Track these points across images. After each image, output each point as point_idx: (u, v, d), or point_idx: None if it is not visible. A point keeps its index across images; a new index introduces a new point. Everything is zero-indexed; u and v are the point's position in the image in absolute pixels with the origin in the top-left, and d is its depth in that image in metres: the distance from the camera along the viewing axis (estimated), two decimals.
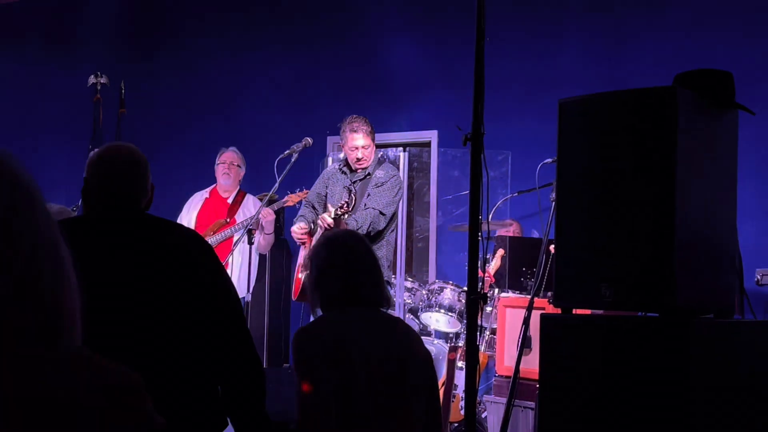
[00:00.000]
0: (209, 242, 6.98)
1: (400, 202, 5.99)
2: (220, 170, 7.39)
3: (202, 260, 3.09)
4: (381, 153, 6.21)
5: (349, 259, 3.34)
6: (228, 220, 7.24)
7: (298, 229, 5.87)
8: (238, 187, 7.43)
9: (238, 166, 7.39)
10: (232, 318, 3.11)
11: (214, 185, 7.50)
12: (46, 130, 9.30)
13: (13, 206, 1.16)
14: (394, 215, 5.88)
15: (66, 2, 9.86)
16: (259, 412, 3.14)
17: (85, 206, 3.21)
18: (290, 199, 6.90)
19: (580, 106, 3.57)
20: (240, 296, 7.05)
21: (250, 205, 7.41)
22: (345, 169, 6.02)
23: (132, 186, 3.12)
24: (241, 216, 7.25)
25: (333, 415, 3.09)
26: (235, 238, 6.94)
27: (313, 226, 5.90)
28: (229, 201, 7.37)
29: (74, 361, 1.19)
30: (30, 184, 1.20)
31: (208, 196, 7.45)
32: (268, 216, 6.90)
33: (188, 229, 3.38)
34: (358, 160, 5.90)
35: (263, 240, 6.94)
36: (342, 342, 3.18)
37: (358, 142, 5.89)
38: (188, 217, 7.32)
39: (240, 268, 6.98)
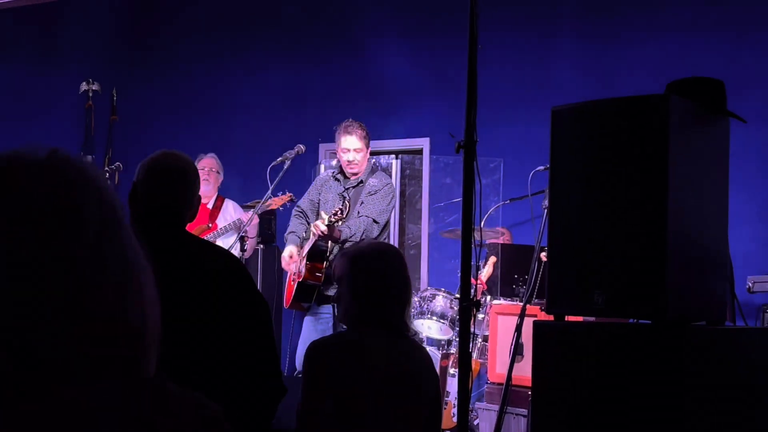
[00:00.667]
0: None
1: (393, 210, 5.99)
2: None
3: (237, 285, 3.08)
4: (374, 161, 6.21)
5: (381, 284, 3.28)
6: (210, 225, 7.24)
7: (288, 257, 5.87)
8: (217, 192, 7.42)
9: (217, 172, 7.38)
10: (260, 339, 3.09)
11: None
12: (38, 138, 9.27)
13: (102, 225, 1.10)
14: (387, 223, 5.88)
15: (57, 10, 9.85)
16: (265, 426, 3.14)
17: (131, 211, 3.19)
18: (273, 202, 6.89)
19: (573, 113, 3.58)
20: None
21: (231, 209, 7.41)
22: (339, 176, 6.01)
23: (179, 198, 3.11)
24: (222, 221, 7.24)
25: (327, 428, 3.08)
26: (218, 242, 6.95)
27: (305, 234, 5.89)
28: (209, 206, 7.37)
29: (156, 391, 1.13)
30: (115, 203, 1.14)
31: None
32: (254, 219, 6.92)
33: (226, 252, 3.33)
34: (350, 162, 5.87)
35: (248, 245, 6.97)
36: (354, 362, 3.16)
37: (349, 143, 5.87)
38: None
39: None
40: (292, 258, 5.76)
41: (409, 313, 3.37)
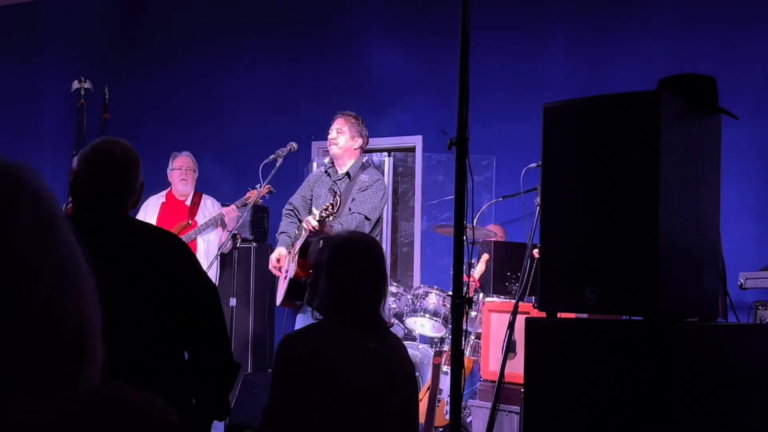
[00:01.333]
0: None
1: (385, 206, 5.99)
2: (176, 176, 7.38)
3: (183, 267, 3.14)
4: (366, 158, 6.21)
5: (361, 275, 3.21)
6: (190, 222, 7.24)
7: (275, 260, 5.88)
8: (194, 189, 7.44)
9: (193, 170, 7.41)
10: (209, 315, 3.16)
11: (169, 189, 7.48)
12: (30, 136, 9.27)
13: (36, 226, 1.04)
14: (379, 220, 5.88)
15: (49, 7, 9.83)
16: (223, 402, 3.23)
17: (73, 199, 3.20)
18: (252, 195, 6.90)
19: (565, 110, 3.58)
20: None
21: (209, 205, 7.43)
22: (330, 170, 6.02)
23: (120, 183, 3.10)
24: (201, 217, 7.26)
25: (292, 428, 3.04)
26: (198, 240, 6.97)
27: (297, 232, 5.89)
28: (187, 203, 7.38)
29: (99, 400, 1.07)
30: (51, 200, 1.08)
31: (164, 200, 7.44)
32: (231, 212, 6.94)
33: (170, 234, 3.38)
34: (330, 140, 5.94)
35: (223, 237, 7.00)
36: (324, 358, 3.08)
37: (335, 123, 5.95)
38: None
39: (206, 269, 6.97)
40: (279, 261, 5.78)
41: (385, 306, 3.33)
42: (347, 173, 5.90)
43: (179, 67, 9.74)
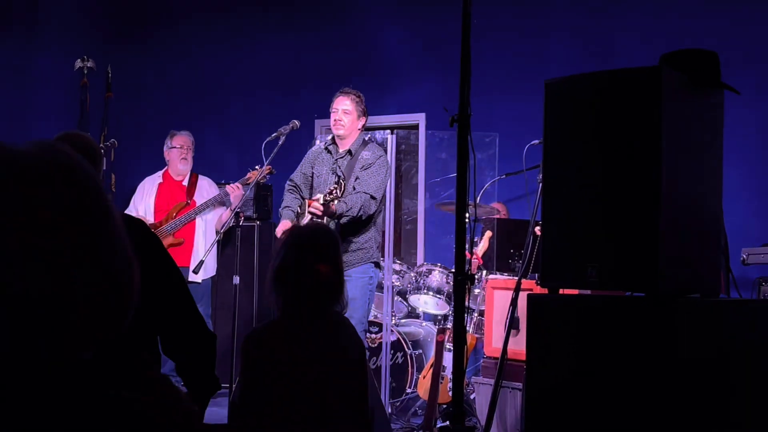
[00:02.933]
0: (171, 226, 7.01)
1: (388, 184, 5.97)
2: (176, 154, 7.36)
3: (151, 252, 3.29)
4: (368, 135, 6.19)
5: (306, 266, 3.24)
6: (188, 202, 7.25)
7: (282, 233, 5.85)
8: (191, 170, 7.44)
9: (191, 149, 7.40)
10: (180, 296, 3.37)
11: (165, 169, 7.47)
12: (33, 115, 9.25)
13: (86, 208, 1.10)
14: (383, 197, 5.87)
15: None
16: (209, 375, 3.39)
17: None
18: (252, 175, 6.90)
19: (566, 86, 3.57)
20: (210, 276, 7.09)
21: (206, 185, 7.43)
22: (331, 147, 6.00)
23: None
24: (199, 197, 7.26)
25: (262, 417, 3.10)
26: (197, 220, 6.98)
27: (300, 210, 5.88)
28: (185, 183, 7.38)
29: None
30: (99, 186, 1.15)
31: (161, 180, 7.42)
32: (236, 190, 6.92)
33: (136, 220, 3.51)
34: (336, 121, 5.89)
35: (225, 215, 7.00)
36: (286, 351, 3.14)
37: (339, 104, 5.90)
38: (145, 203, 7.30)
39: (205, 249, 6.97)
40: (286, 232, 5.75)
41: (342, 291, 3.31)
42: (349, 150, 5.88)
43: (182, 45, 9.72)
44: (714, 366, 3.38)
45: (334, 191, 5.39)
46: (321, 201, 5.39)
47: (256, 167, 6.64)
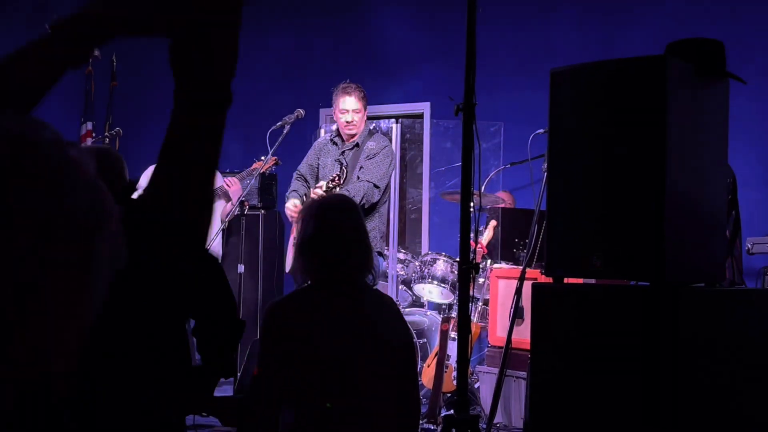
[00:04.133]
0: None
1: (393, 173, 5.96)
2: None
3: None
4: (373, 124, 6.18)
5: (336, 232, 3.14)
6: None
7: (292, 206, 5.81)
8: None
9: None
10: (211, 280, 3.42)
11: None
12: (38, 105, 9.25)
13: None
14: (387, 187, 5.86)
15: None
16: (227, 356, 3.42)
17: None
18: (258, 165, 6.89)
19: (572, 75, 3.57)
20: None
21: None
22: (336, 139, 5.99)
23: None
24: None
25: (278, 395, 3.00)
26: None
27: (305, 198, 5.88)
28: None
29: None
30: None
31: None
32: (232, 185, 6.89)
33: None
34: (348, 123, 5.85)
35: (228, 207, 6.98)
36: (311, 323, 3.05)
37: (348, 105, 5.85)
38: None
39: (211, 238, 6.98)
40: (296, 207, 5.70)
41: (371, 261, 3.23)
42: (356, 143, 5.87)
43: None
44: (718, 355, 3.38)
45: (337, 178, 5.39)
46: (324, 188, 5.39)
47: (261, 157, 6.63)
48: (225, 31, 1.30)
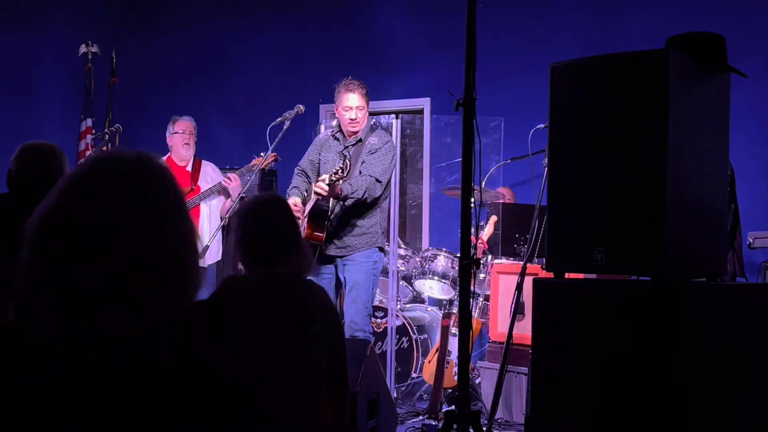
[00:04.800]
0: None
1: (395, 168, 5.94)
2: (179, 140, 7.30)
3: None
4: (374, 120, 6.16)
5: (267, 228, 3.27)
6: (193, 187, 7.22)
7: (293, 204, 5.79)
8: (194, 155, 7.41)
9: (194, 134, 7.36)
10: None
11: (168, 155, 7.44)
12: (38, 101, 9.25)
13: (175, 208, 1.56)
14: (389, 182, 5.84)
15: None
16: None
17: (10, 191, 4.01)
18: (258, 162, 6.87)
19: (572, 70, 3.56)
20: (215, 261, 7.06)
21: (210, 171, 7.40)
22: (338, 135, 5.97)
23: (44, 173, 3.73)
24: (203, 183, 7.24)
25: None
26: (201, 206, 6.94)
27: (306, 194, 5.87)
28: (188, 169, 7.35)
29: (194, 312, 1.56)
30: (180, 190, 1.61)
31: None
32: (231, 182, 6.87)
33: None
34: (352, 120, 5.82)
35: (228, 203, 6.95)
36: (243, 304, 3.15)
37: (352, 102, 5.82)
38: None
39: (210, 235, 6.97)
40: (296, 206, 5.71)
41: (301, 252, 3.32)
42: (359, 139, 5.85)
43: (186, 30, 9.70)
44: (719, 349, 3.37)
45: (340, 171, 5.37)
46: (327, 181, 5.37)
47: (261, 153, 6.61)
48: None
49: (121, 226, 1.46)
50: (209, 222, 6.91)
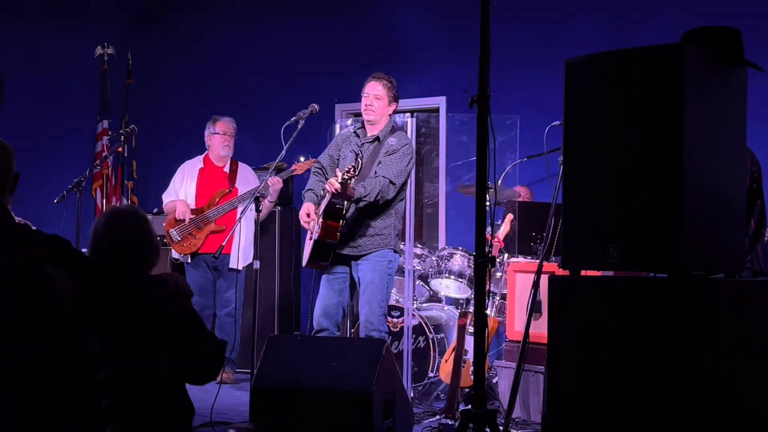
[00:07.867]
0: (214, 212, 7.02)
1: (411, 171, 5.91)
2: (219, 141, 7.31)
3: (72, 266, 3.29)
4: (395, 122, 6.15)
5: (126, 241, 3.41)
6: (230, 189, 7.23)
7: (305, 215, 5.77)
8: (231, 156, 7.41)
9: (234, 136, 7.37)
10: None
11: (205, 154, 7.43)
12: (54, 103, 9.27)
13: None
14: (404, 184, 5.81)
15: None
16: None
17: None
18: (299, 168, 6.88)
19: (587, 65, 3.53)
20: (247, 263, 7.06)
21: (247, 173, 7.41)
22: (359, 131, 5.96)
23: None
24: (241, 185, 7.24)
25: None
26: (239, 209, 6.92)
27: (323, 192, 5.85)
28: (226, 170, 7.36)
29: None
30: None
31: (202, 165, 7.37)
32: (276, 184, 6.90)
33: (49, 237, 3.41)
34: (366, 106, 5.83)
35: (265, 208, 6.93)
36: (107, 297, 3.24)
37: (370, 88, 5.85)
38: (185, 188, 7.27)
39: (246, 237, 6.99)
40: (309, 216, 5.71)
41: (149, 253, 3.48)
42: (377, 137, 5.83)
43: (202, 31, 9.71)
44: (738, 346, 3.34)
45: (351, 170, 5.35)
46: (339, 179, 5.35)
47: (301, 158, 6.69)
48: None
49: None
50: (246, 224, 6.91)
